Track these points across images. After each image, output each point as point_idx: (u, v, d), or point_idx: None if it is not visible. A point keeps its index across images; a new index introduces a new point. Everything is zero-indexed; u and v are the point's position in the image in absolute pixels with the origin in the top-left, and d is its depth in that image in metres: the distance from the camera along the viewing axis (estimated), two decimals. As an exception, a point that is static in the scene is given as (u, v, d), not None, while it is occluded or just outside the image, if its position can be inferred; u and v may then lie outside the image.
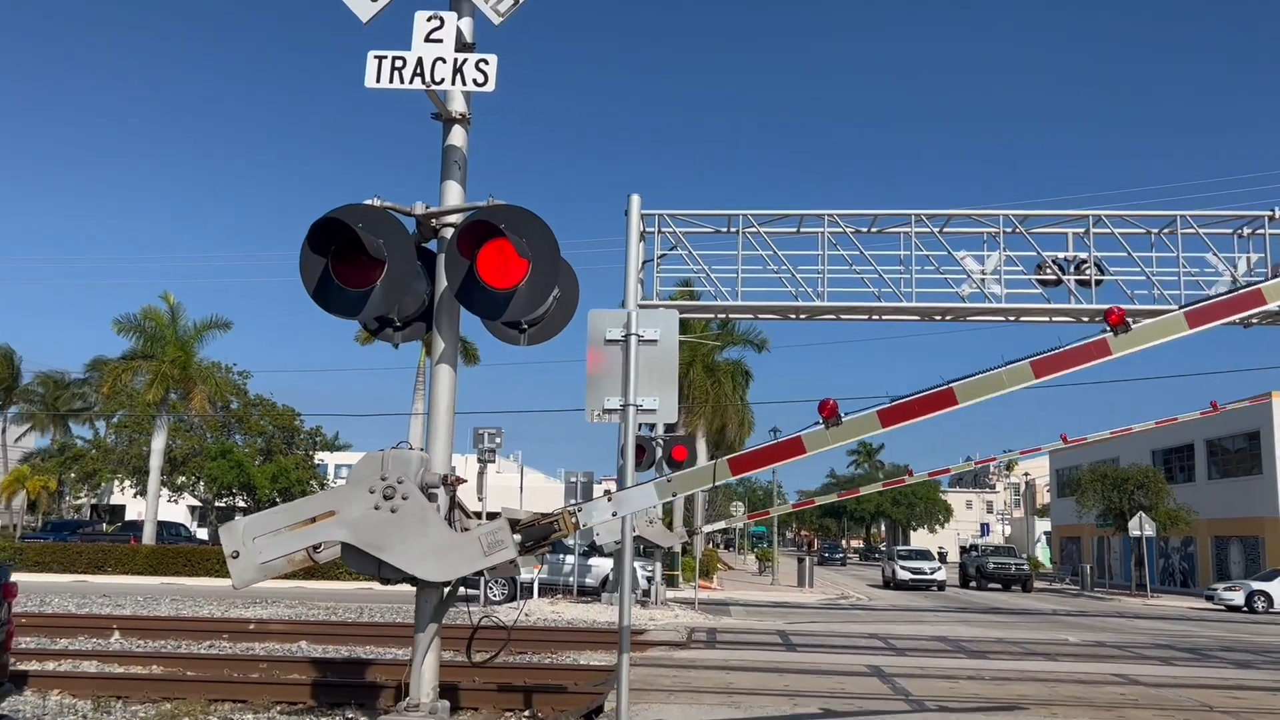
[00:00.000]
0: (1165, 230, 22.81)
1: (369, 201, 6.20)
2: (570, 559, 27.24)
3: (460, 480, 6.28)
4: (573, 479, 26.09)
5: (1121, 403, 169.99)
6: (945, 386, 5.71)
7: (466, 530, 6.06)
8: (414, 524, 5.72)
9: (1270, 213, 22.54)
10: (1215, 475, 49.03)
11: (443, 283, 6.38)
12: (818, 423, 5.84)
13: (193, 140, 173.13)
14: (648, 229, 24.00)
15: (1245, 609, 34.87)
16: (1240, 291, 5.55)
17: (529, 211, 6.03)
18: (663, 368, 8.00)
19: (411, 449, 6.22)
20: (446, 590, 6.14)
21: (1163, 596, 43.74)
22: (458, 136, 6.60)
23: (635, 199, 25.15)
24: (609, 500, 6.11)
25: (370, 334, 6.97)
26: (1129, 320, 5.36)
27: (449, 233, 6.35)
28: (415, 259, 6.24)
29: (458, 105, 6.58)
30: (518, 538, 5.77)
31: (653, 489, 6.17)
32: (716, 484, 6.31)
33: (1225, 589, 36.93)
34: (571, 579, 27.03)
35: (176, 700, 10.03)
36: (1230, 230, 22.86)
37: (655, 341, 8.00)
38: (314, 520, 5.96)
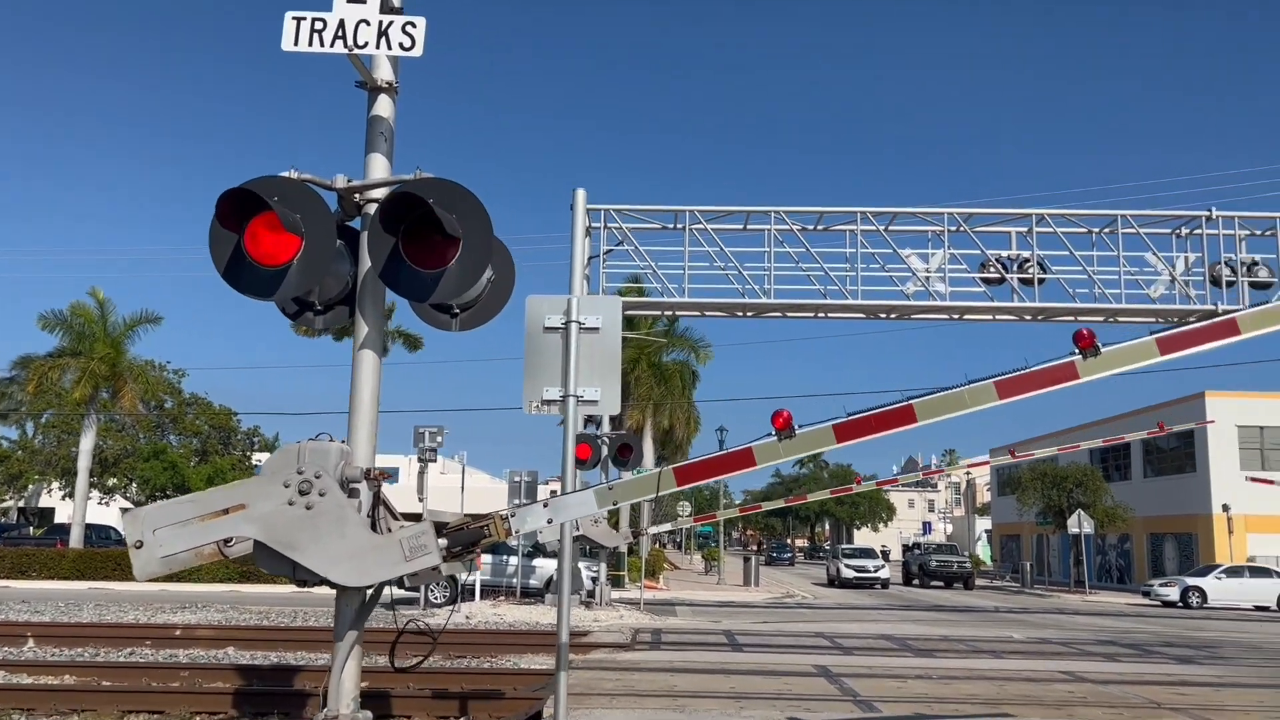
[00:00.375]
0: (1106, 230, 23.01)
1: (285, 173, 5.75)
2: (514, 560, 26.76)
3: (385, 476, 5.84)
4: (516, 479, 25.63)
5: (1061, 399, 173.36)
6: (905, 403, 5.48)
7: (392, 531, 5.64)
8: (331, 523, 5.28)
9: (1207, 213, 22.85)
10: (1150, 474, 49.98)
11: (366, 262, 5.94)
12: (770, 434, 5.56)
13: (114, 127, 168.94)
14: (594, 224, 23.64)
15: (1180, 604, 35.51)
16: (1215, 321, 5.39)
17: (459, 185, 5.62)
18: (605, 357, 7.64)
19: (332, 441, 5.78)
20: (369, 594, 5.70)
21: (1101, 593, 44.42)
22: (384, 106, 6.16)
23: (580, 193, 24.83)
24: (545, 506, 5.73)
25: (289, 318, 6.50)
26: (1099, 344, 5.17)
27: (373, 209, 5.91)
28: (335, 236, 5.79)
29: (384, 72, 6.15)
30: (443, 542, 5.35)
31: (592, 496, 5.80)
32: (660, 494, 5.98)
33: (1161, 585, 37.59)
34: (515, 580, 26.55)
35: (87, 711, 9.44)
36: (1169, 230, 23.12)
37: (597, 330, 7.64)
38: (227, 512, 5.49)
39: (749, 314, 24.18)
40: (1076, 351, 5.26)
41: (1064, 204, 31.08)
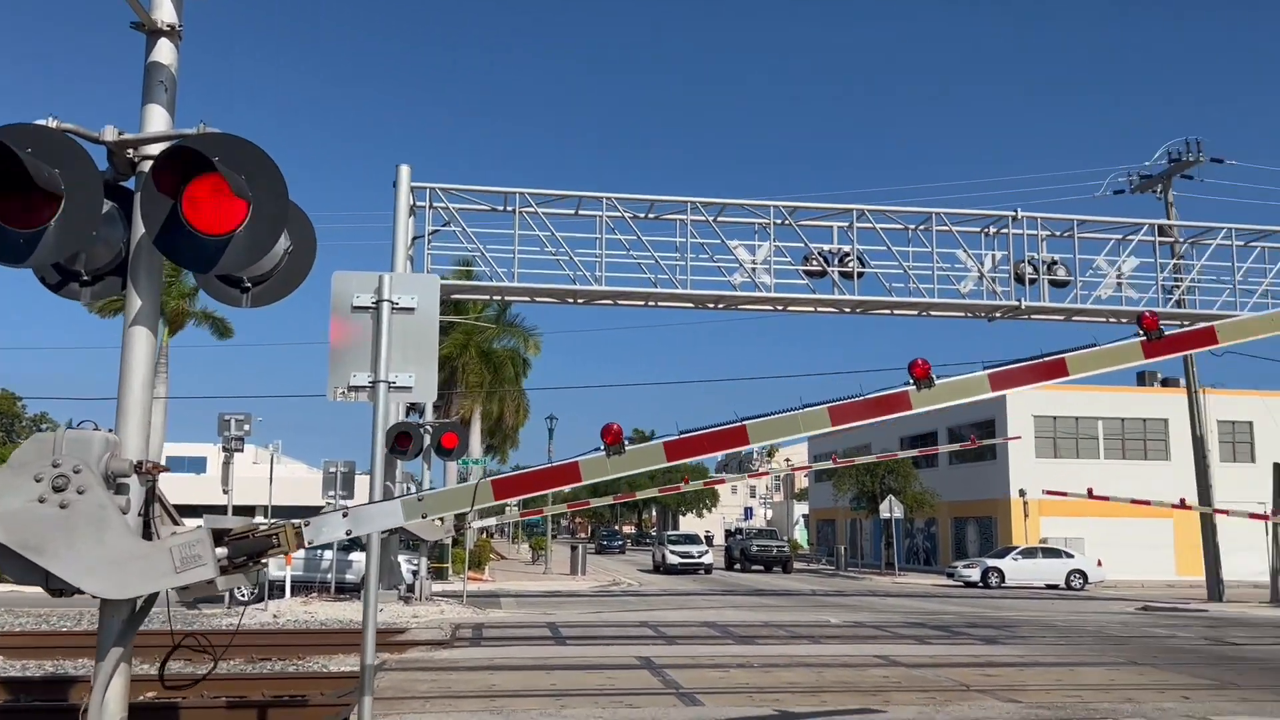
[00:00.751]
0: (921, 227, 23.97)
1: (42, 121, 4.96)
2: (328, 554, 25.55)
3: (160, 468, 5.14)
4: (332, 469, 24.46)
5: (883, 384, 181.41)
6: (738, 424, 5.39)
7: (171, 535, 4.96)
8: (88, 525, 4.57)
9: (1013, 213, 24.13)
10: (955, 461, 52.85)
11: (140, 227, 5.22)
12: (598, 448, 5.28)
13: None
14: (419, 204, 22.79)
15: (981, 584, 37.70)
16: (1044, 360, 5.63)
17: (248, 142, 4.98)
18: (420, 339, 7.12)
19: (97, 429, 5.04)
20: (140, 604, 5.01)
21: (909, 574, 46.69)
22: (164, 52, 5.42)
23: (404, 169, 23.83)
24: (345, 516, 5.15)
25: (51, 289, 5.68)
26: (933, 375, 5.26)
27: (149, 166, 5.19)
28: (102, 196, 5.03)
29: (164, 14, 5.41)
30: (222, 552, 4.71)
31: (399, 508, 5.28)
32: (475, 508, 5.53)
33: (964, 566, 39.84)
34: (329, 576, 25.36)
35: None
36: (979, 229, 24.30)
37: (412, 310, 7.10)
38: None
39: (580, 300, 23.91)
40: (911, 381, 5.31)
41: (884, 201, 32.49)
